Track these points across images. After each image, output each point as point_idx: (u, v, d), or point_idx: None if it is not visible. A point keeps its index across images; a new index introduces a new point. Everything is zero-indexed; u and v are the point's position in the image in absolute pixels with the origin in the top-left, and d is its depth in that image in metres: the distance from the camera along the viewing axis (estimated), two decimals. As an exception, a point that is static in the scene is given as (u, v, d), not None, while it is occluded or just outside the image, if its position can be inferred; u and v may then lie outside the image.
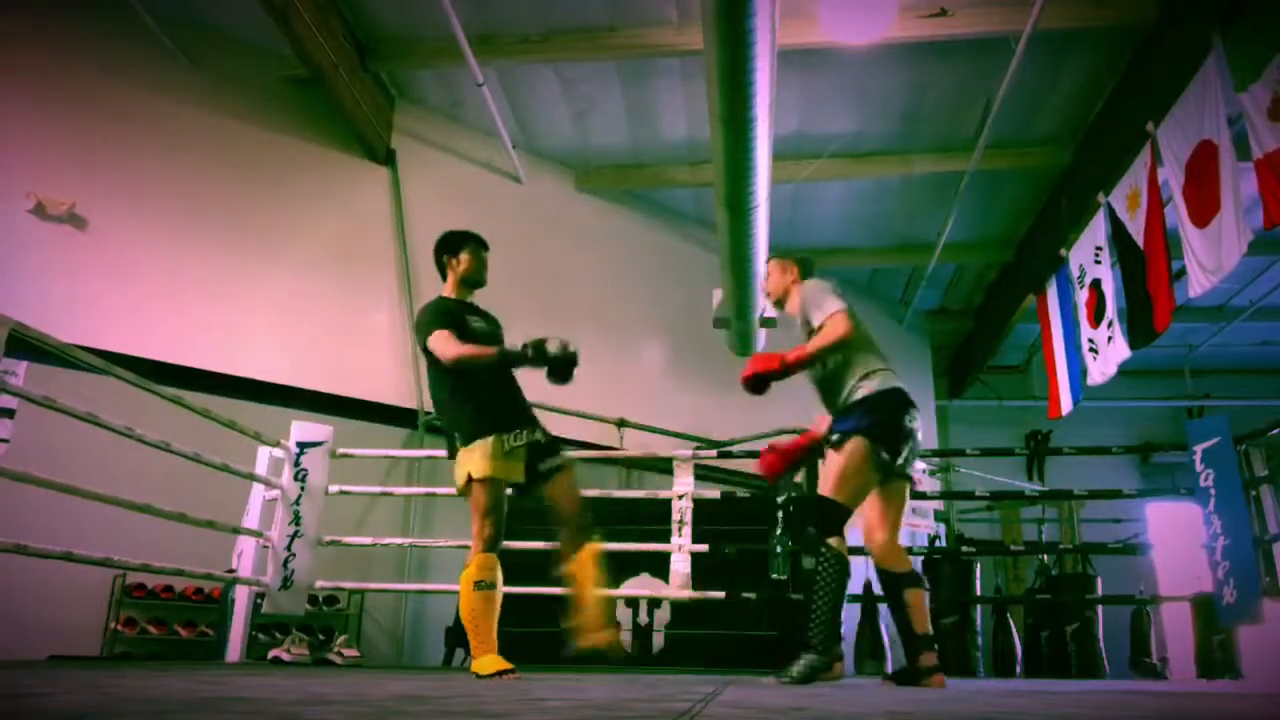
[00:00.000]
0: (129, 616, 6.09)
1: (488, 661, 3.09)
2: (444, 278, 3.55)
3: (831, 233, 10.16)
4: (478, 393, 3.32)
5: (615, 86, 7.81)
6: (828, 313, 3.22)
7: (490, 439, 3.24)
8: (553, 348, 3.19)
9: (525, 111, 8.26)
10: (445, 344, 3.27)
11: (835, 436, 3.20)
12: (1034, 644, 8.32)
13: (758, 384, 3.35)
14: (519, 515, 5.66)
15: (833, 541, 3.09)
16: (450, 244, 3.53)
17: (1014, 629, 8.52)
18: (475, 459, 3.23)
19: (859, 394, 3.20)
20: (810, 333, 3.31)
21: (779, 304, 3.60)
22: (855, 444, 3.12)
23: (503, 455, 3.24)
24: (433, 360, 3.35)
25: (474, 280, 3.54)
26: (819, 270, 10.43)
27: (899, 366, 3.52)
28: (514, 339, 3.69)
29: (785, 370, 3.27)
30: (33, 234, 6.38)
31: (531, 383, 3.46)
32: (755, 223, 6.39)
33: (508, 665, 3.09)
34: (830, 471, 3.16)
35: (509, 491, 3.37)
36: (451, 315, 3.38)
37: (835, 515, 3.12)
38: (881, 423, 3.13)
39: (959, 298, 11.89)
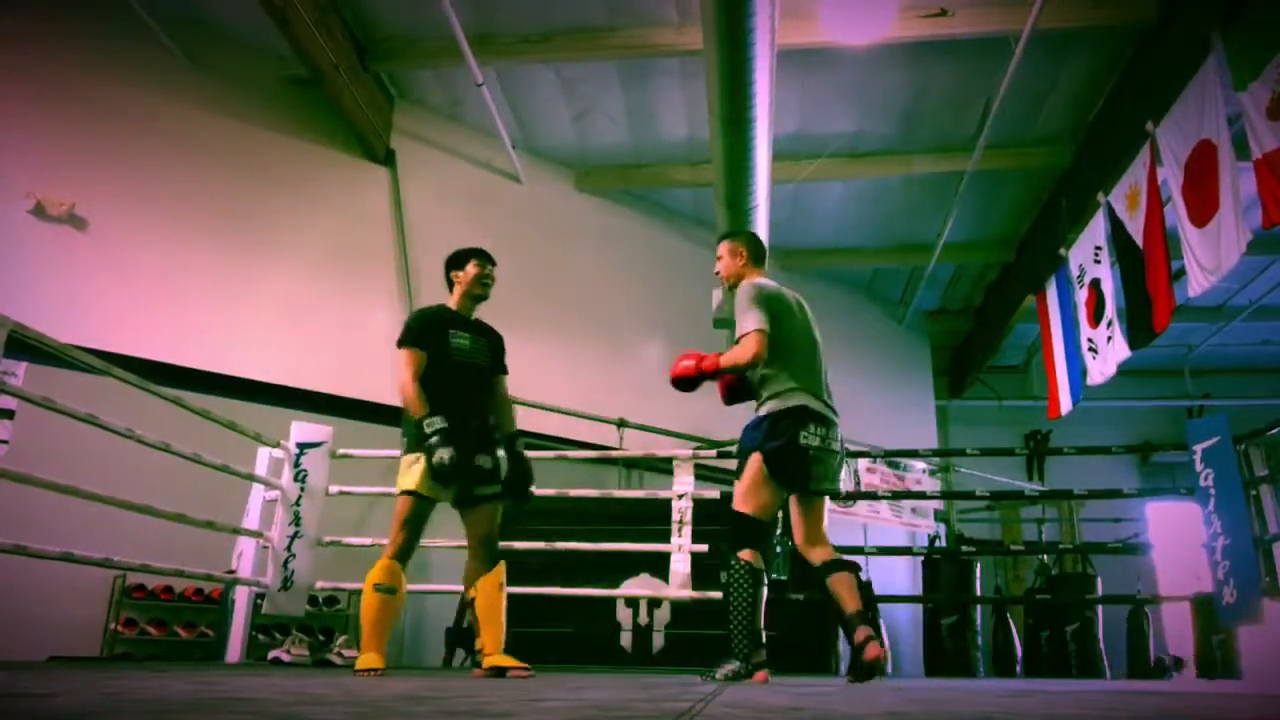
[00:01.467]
0: (129, 617, 6.10)
1: (367, 659, 3.23)
2: (450, 290, 3.65)
3: (831, 233, 10.15)
4: (430, 409, 3.36)
5: (615, 86, 7.81)
6: (744, 329, 3.22)
7: (418, 455, 3.29)
8: (438, 457, 3.19)
9: (525, 111, 8.26)
10: (402, 367, 3.39)
11: (736, 462, 3.31)
12: (1034, 644, 8.32)
13: (682, 386, 3.41)
14: (518, 515, 5.69)
15: (744, 555, 3.15)
16: (458, 258, 3.64)
17: (1014, 629, 8.53)
18: (408, 471, 3.33)
19: (761, 411, 3.27)
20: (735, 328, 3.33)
21: (732, 287, 3.51)
22: (752, 461, 3.20)
23: (426, 473, 3.28)
24: None
25: (475, 294, 3.61)
26: (819, 268, 10.44)
27: (899, 366, 3.55)
28: (514, 339, 3.70)
29: (700, 377, 3.35)
30: (33, 234, 6.38)
31: (539, 384, 3.46)
32: (755, 223, 6.39)
33: (379, 665, 3.21)
34: (737, 488, 3.25)
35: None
36: (427, 330, 3.46)
37: (747, 528, 3.19)
38: (774, 443, 3.17)
39: (959, 298, 11.88)
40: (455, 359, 3.45)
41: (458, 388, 3.43)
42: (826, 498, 3.36)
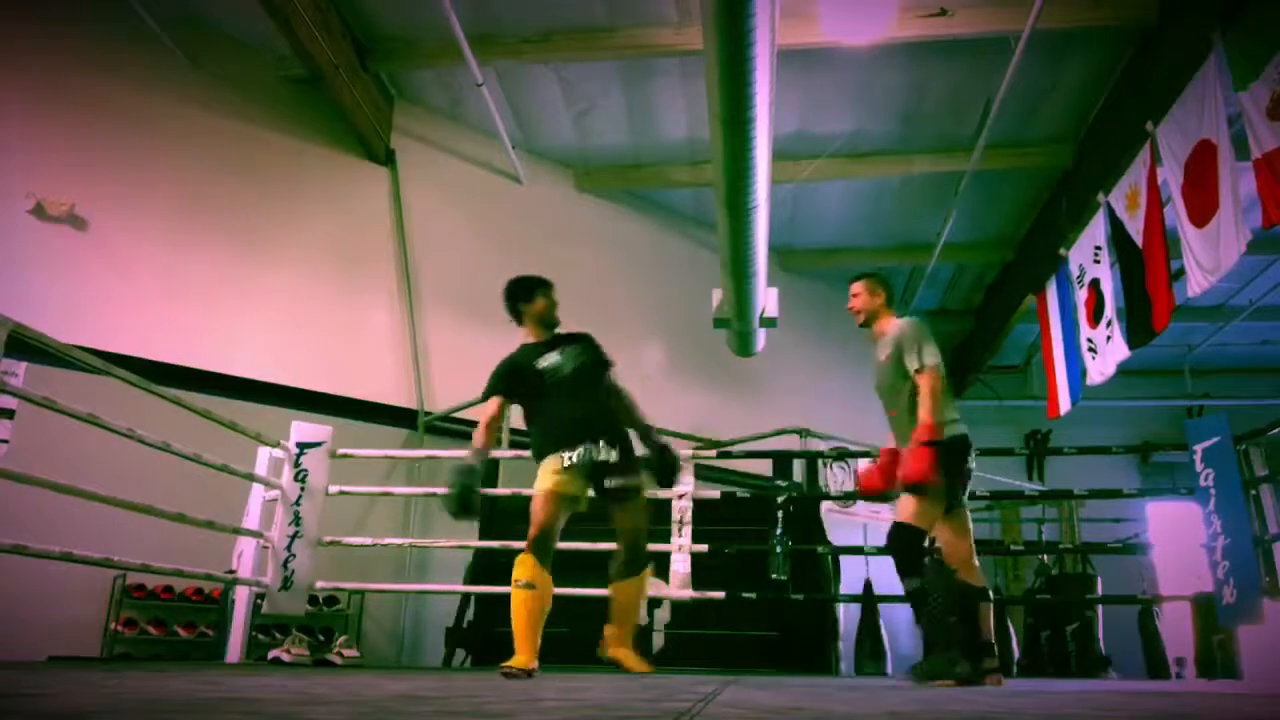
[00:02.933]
0: (129, 617, 6.09)
1: (515, 660, 3.18)
2: (520, 323, 3.73)
3: (831, 233, 10.15)
4: (539, 419, 3.58)
5: (615, 86, 7.81)
6: (927, 364, 3.57)
7: (549, 458, 3.46)
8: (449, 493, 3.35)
9: (525, 111, 8.26)
10: (480, 418, 3.56)
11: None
12: (1034, 644, 8.31)
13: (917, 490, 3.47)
14: (518, 516, 5.68)
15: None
16: (524, 292, 3.71)
17: (1013, 629, 8.52)
18: (539, 475, 3.48)
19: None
20: (898, 364, 3.63)
21: (866, 323, 3.82)
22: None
23: (559, 471, 3.42)
24: None
25: (547, 321, 3.71)
26: (817, 271, 10.40)
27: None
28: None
29: (934, 444, 3.47)
30: (33, 234, 6.37)
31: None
32: (755, 223, 6.38)
33: (524, 666, 3.14)
34: (910, 504, 3.46)
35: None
36: (503, 378, 3.59)
37: (920, 541, 3.49)
38: (956, 466, 3.50)
39: (959, 298, 11.88)
40: (551, 381, 3.54)
41: (563, 403, 3.53)
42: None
